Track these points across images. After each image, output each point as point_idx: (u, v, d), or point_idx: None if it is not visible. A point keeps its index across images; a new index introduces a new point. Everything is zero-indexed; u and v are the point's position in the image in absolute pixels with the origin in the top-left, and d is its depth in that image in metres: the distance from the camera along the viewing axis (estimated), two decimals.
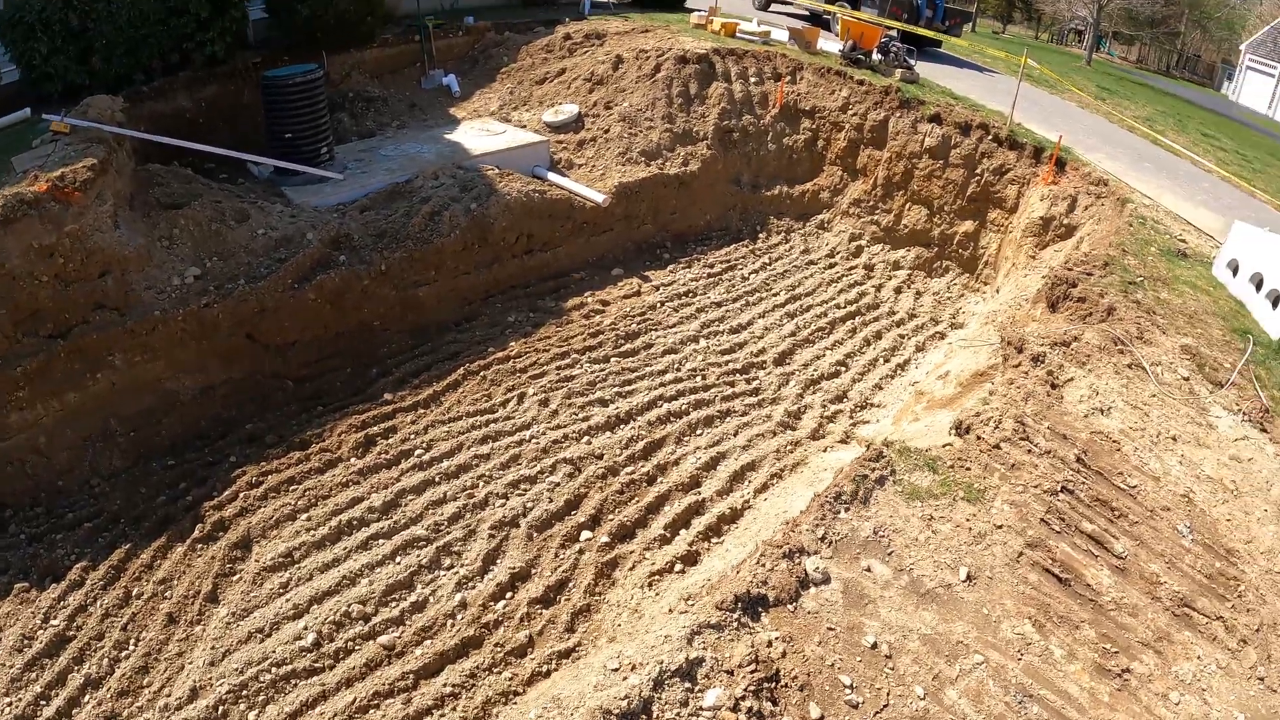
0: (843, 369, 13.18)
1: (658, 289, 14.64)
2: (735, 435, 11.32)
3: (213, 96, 16.93)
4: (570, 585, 9.03)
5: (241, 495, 9.91)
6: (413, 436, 11.03)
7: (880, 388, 12.84)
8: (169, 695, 7.79)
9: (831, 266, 16.13)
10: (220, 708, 7.56)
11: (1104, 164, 15.60)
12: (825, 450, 11.14)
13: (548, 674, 8.08)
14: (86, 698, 7.85)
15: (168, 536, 9.40)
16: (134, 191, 13.29)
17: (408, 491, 10.03)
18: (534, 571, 9.09)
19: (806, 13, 26.19)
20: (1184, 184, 15.99)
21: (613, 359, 12.68)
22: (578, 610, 8.75)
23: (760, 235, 16.93)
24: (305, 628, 8.26)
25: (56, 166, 11.57)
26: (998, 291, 14.72)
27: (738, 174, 17.40)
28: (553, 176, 15.68)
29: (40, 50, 14.88)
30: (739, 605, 5.75)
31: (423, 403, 11.72)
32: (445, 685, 7.87)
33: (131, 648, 8.31)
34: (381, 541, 9.29)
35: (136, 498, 10.14)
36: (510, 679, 8.01)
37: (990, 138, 15.95)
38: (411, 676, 7.95)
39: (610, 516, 9.87)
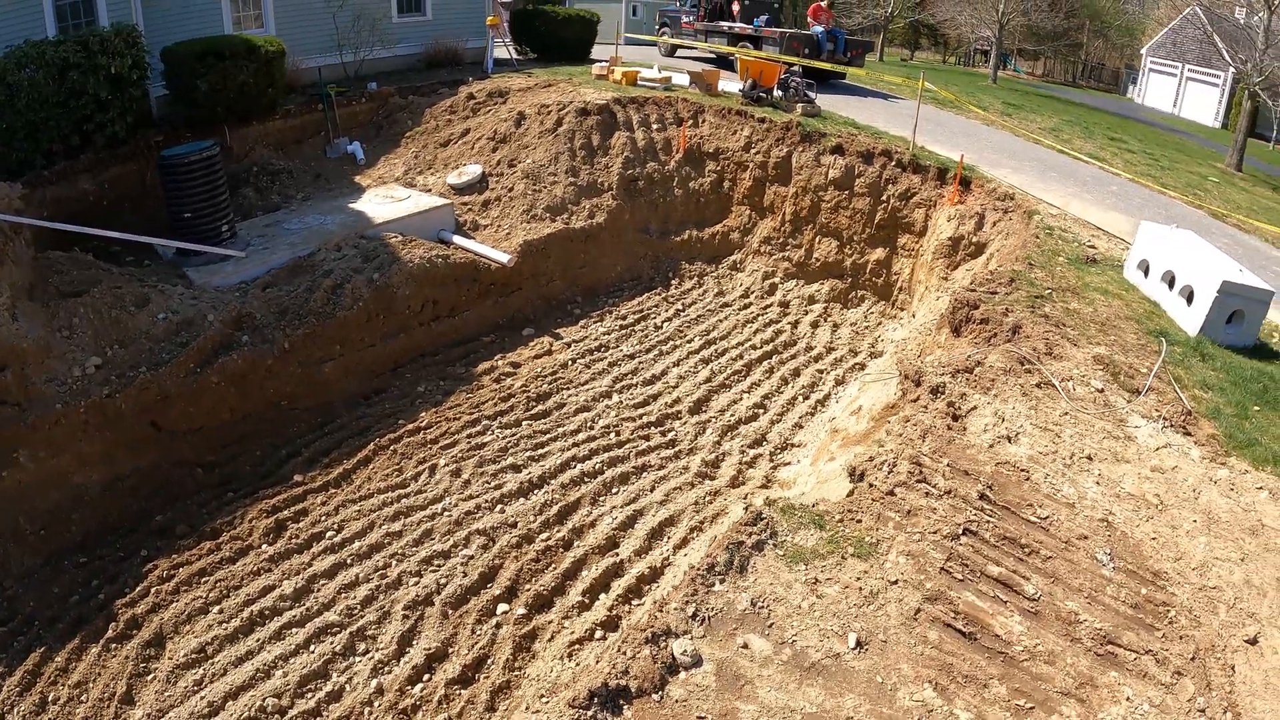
0: (761, 411, 13.04)
1: (569, 346, 14.47)
2: (652, 491, 11.10)
3: (116, 177, 16.65)
4: (489, 662, 8.72)
5: (153, 590, 9.66)
6: (324, 518, 10.71)
7: (800, 426, 12.71)
8: None
9: (746, 307, 16.10)
10: None
11: (1010, 178, 15.79)
12: (746, 498, 10.96)
13: None
14: None
15: (81, 637, 9.14)
16: (33, 281, 12.90)
17: (320, 576, 9.74)
18: (451, 650, 8.83)
19: (713, 55, 26.48)
20: (1092, 189, 16.23)
21: (524, 422, 12.46)
22: (497, 688, 8.44)
23: (672, 281, 16.87)
24: None
25: None
26: (914, 316, 14.78)
27: (645, 222, 17.38)
28: (458, 239, 15.54)
29: None
30: (595, 701, 5.34)
31: (333, 482, 11.40)
32: None
33: None
34: (295, 630, 9.03)
35: (49, 598, 9.84)
36: None
37: (894, 164, 16.09)
38: None
39: (527, 586, 9.59)
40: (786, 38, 23.00)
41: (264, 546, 10.25)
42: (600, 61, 22.14)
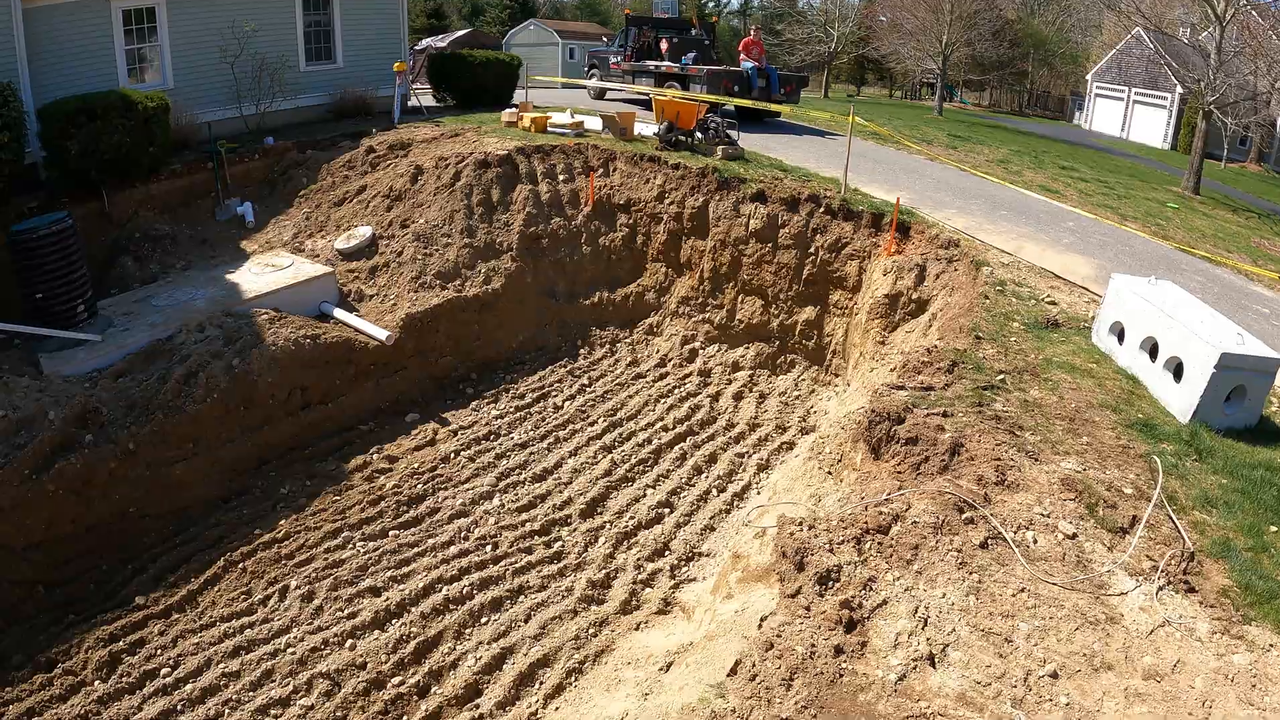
0: (666, 511, 11.47)
1: (455, 434, 12.98)
2: (526, 621, 9.57)
3: None
4: None
5: None
6: (160, 651, 9.50)
7: (712, 529, 11.14)
8: None
9: (662, 378, 14.63)
10: None
11: (955, 220, 14.43)
12: (638, 628, 9.41)
13: None
14: None
15: None
16: None
17: None
18: None
19: (646, 97, 25.23)
20: (1047, 227, 14.80)
21: (391, 532, 10.98)
22: None
23: (581, 351, 15.39)
24: None
25: None
26: (848, 385, 13.34)
27: (550, 285, 15.92)
28: (338, 313, 14.12)
29: None
30: None
31: (176, 605, 10.15)
32: None
33: None
34: None
35: None
36: None
37: (822, 210, 14.67)
38: None
39: None
40: (715, 75, 21.79)
41: (96, 683, 9.20)
42: (512, 108, 20.81)
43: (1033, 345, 10.18)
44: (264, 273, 14.97)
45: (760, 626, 6.52)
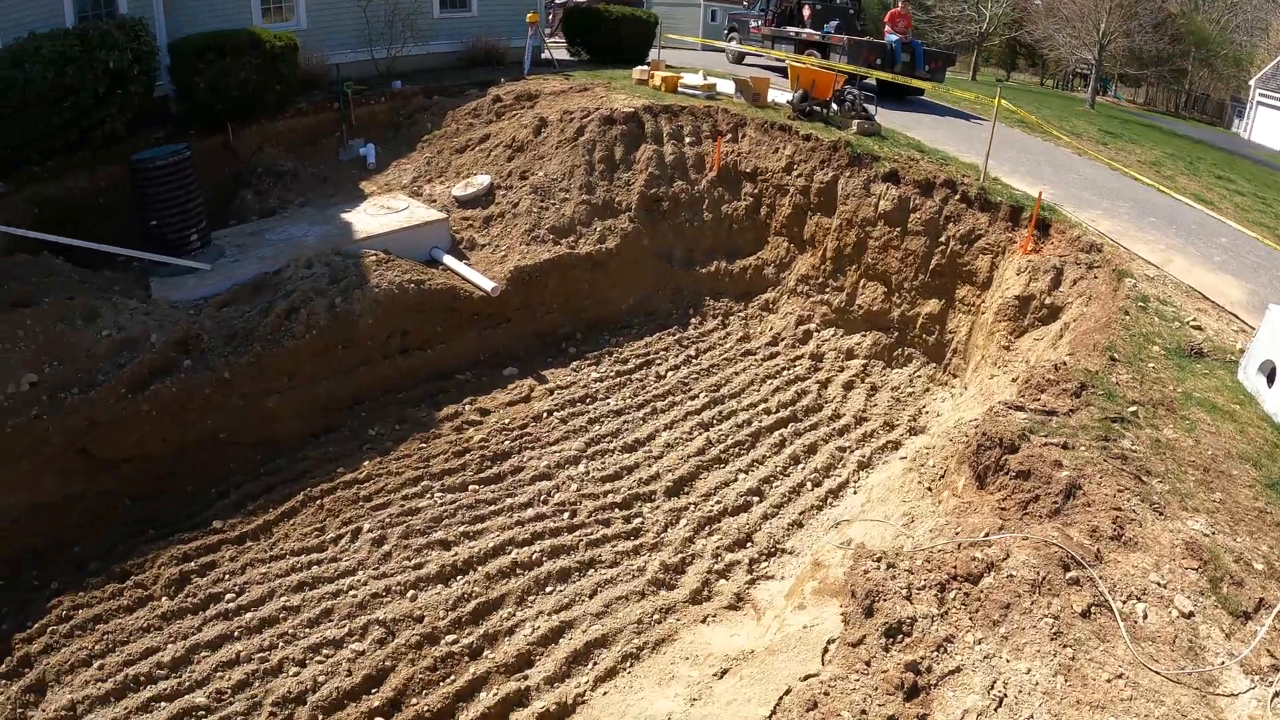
0: (754, 500, 10.65)
1: (551, 393, 12.49)
2: (591, 596, 9.04)
3: (112, 176, 15.68)
4: None
5: (49, 630, 9.06)
6: (227, 577, 9.60)
7: (800, 525, 10.28)
8: None
9: (772, 357, 13.78)
10: None
11: (1100, 222, 13.10)
12: (705, 620, 8.75)
13: None
14: None
15: None
16: None
17: (202, 647, 8.71)
18: None
19: (783, 63, 24.30)
20: (1198, 241, 13.29)
21: (471, 486, 10.63)
22: None
23: (692, 321, 14.67)
24: None
25: None
26: (965, 389, 12.35)
27: (667, 249, 15.26)
28: (448, 260, 13.82)
29: None
30: None
31: (251, 534, 10.22)
32: None
33: None
34: (161, 705, 8.06)
35: None
36: None
37: (957, 198, 13.50)
38: None
39: (412, 701, 7.96)
40: (856, 46, 20.72)
41: (163, 599, 9.38)
42: (643, 65, 20.16)
43: (1172, 375, 8.98)
44: (378, 214, 14.81)
45: (807, 680, 5.78)
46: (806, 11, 23.82)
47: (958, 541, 6.46)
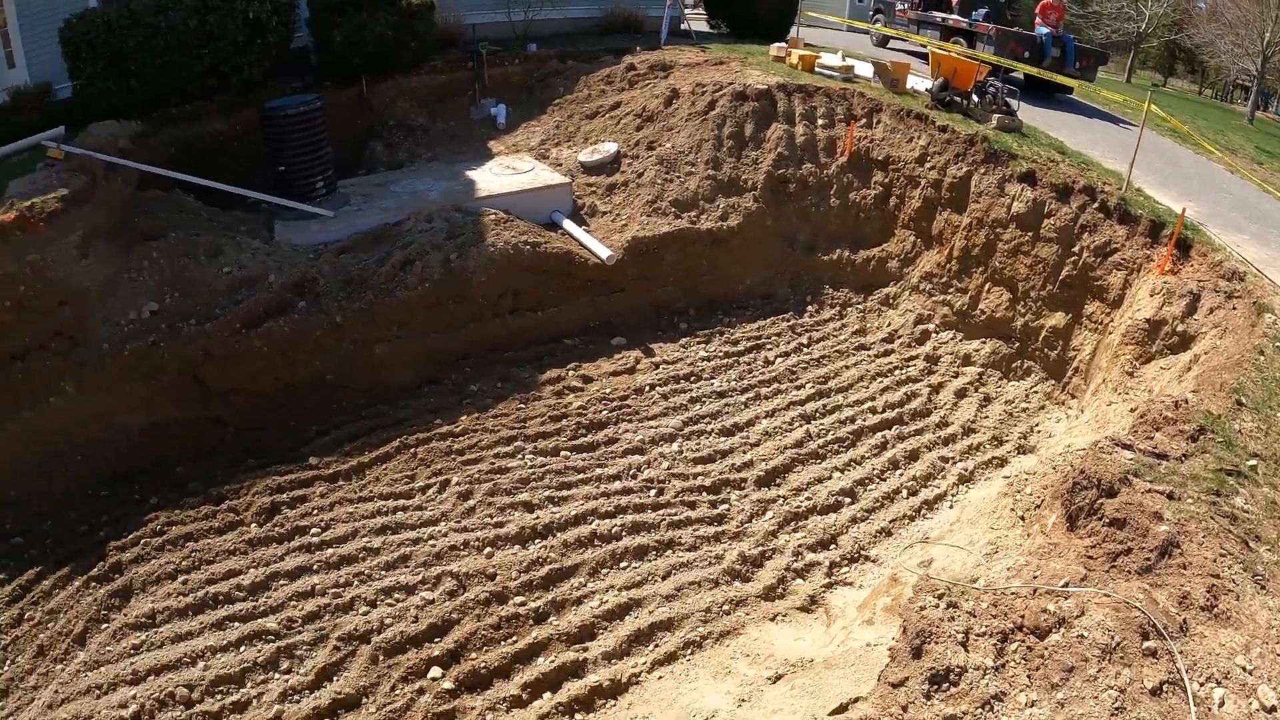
0: (846, 501, 10.20)
1: (656, 367, 12.32)
2: (664, 578, 8.87)
3: (247, 121, 16.32)
4: None
5: (143, 541, 9.70)
6: (316, 512, 9.96)
7: (888, 534, 9.78)
8: None
9: (886, 354, 13.23)
10: None
11: (1246, 248, 12.05)
12: (774, 618, 8.46)
13: None
14: None
15: (72, 568, 9.54)
16: (120, 220, 13.04)
17: (282, 575, 9.12)
18: (363, 702, 7.79)
19: (926, 49, 23.45)
20: None
21: (563, 452, 10.60)
22: None
23: (809, 308, 14.21)
24: (133, 696, 7.93)
25: (36, 195, 11.81)
26: (1081, 412, 11.58)
27: (791, 232, 14.83)
28: (567, 224, 13.77)
29: (86, 71, 15.17)
30: None
31: (344, 474, 10.59)
32: None
33: (3, 669, 8.65)
34: (235, 625, 8.56)
35: (66, 523, 10.38)
36: None
37: (1096, 206, 12.55)
38: None
39: (472, 656, 8.09)
40: (1004, 36, 19.78)
41: (252, 526, 9.89)
42: (781, 42, 19.64)
43: None
44: (503, 174, 14.84)
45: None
46: None
47: (1033, 586, 5.86)
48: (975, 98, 15.84)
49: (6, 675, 8.76)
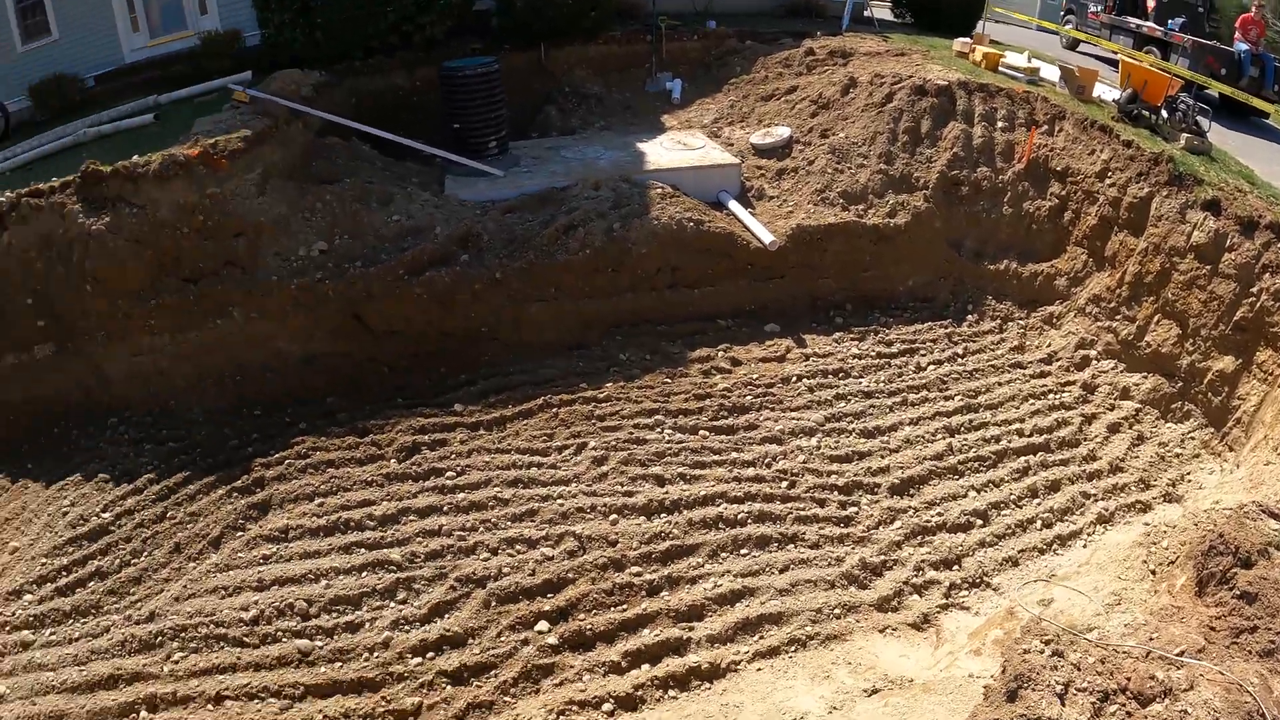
0: (977, 523, 9.71)
1: (806, 359, 12.18)
2: (781, 571, 8.78)
3: (426, 78, 17.00)
4: (491, 673, 7.85)
5: (287, 462, 10.48)
6: (454, 457, 10.48)
7: (1014, 563, 9.20)
8: (140, 609, 8.78)
9: (1042, 376, 12.52)
10: (158, 638, 8.34)
11: None
12: (883, 630, 8.22)
13: None
14: (90, 582, 9.27)
15: (217, 477, 10.43)
16: (298, 163, 13.97)
17: (412, 512, 9.69)
18: (469, 642, 8.14)
19: (1116, 56, 22.32)
20: None
21: (701, 431, 10.66)
22: (477, 703, 7.57)
23: (969, 317, 13.65)
24: (255, 602, 8.63)
25: (220, 134, 12.88)
26: (1236, 468, 10.61)
27: (958, 237, 14.32)
28: (733, 205, 13.75)
29: (274, 20, 16.40)
30: None
31: (486, 424, 11.06)
32: (320, 714, 7.59)
33: (140, 559, 9.48)
34: (360, 551, 9.17)
35: (217, 436, 11.32)
36: None
37: None
38: (299, 689, 7.83)
39: (580, 616, 8.30)
40: (1200, 49, 18.62)
41: (391, 461, 10.48)
42: (966, 38, 18.96)
43: None
44: (673, 149, 14.93)
45: None
46: (1151, 2, 21.66)
47: (1146, 649, 5.54)
48: (1164, 113, 14.94)
49: (141, 565, 9.50)
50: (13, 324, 12.34)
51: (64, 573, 9.57)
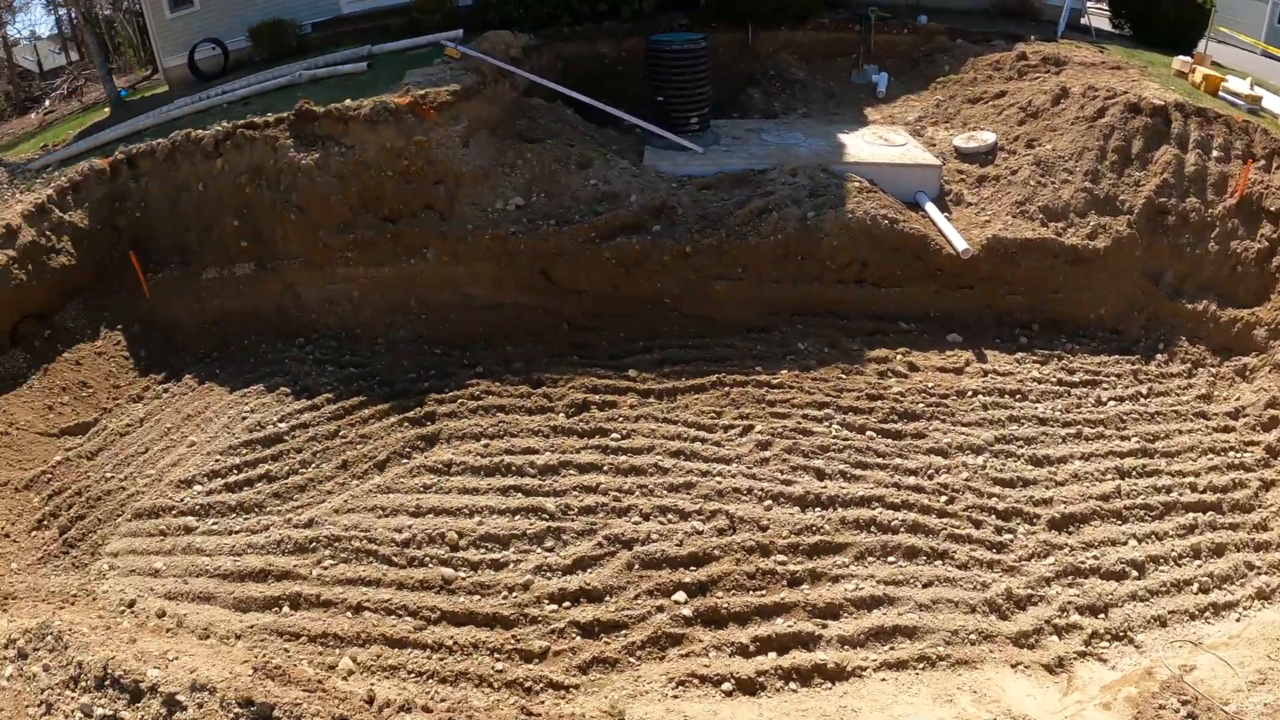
0: (1131, 573, 9.12)
1: (984, 374, 11.89)
2: (924, 586, 8.65)
3: (632, 49, 17.42)
4: (621, 632, 8.22)
5: (459, 401, 11.23)
6: (621, 420, 10.88)
7: (1162, 624, 8.60)
8: (300, 515, 9.76)
9: (1225, 431, 11.60)
10: (312, 543, 9.24)
11: None
12: (1014, 666, 7.96)
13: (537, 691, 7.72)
14: (258, 483, 10.32)
15: (391, 405, 11.32)
16: (503, 119, 14.71)
17: (572, 466, 10.15)
18: (606, 599, 8.55)
19: None
20: None
21: (869, 432, 10.65)
22: (602, 658, 7.97)
23: (1158, 356, 12.88)
24: (409, 525, 9.33)
25: (430, 85, 13.61)
26: None
27: (1158, 269, 13.60)
28: (929, 208, 13.56)
29: None
30: None
31: (657, 393, 11.43)
32: (451, 639, 8.14)
33: (307, 470, 10.45)
34: (517, 495, 9.72)
35: (397, 367, 12.24)
36: (499, 672, 7.85)
37: None
38: (436, 613, 8.41)
39: (719, 594, 8.54)
40: None
41: (560, 415, 10.99)
42: (1186, 56, 17.98)
43: None
44: (875, 143, 14.84)
45: None
46: None
47: None
48: None
49: (308, 475, 10.36)
50: (218, 242, 13.66)
51: (235, 471, 10.56)
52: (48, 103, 27.70)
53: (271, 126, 13.49)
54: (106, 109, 20.93)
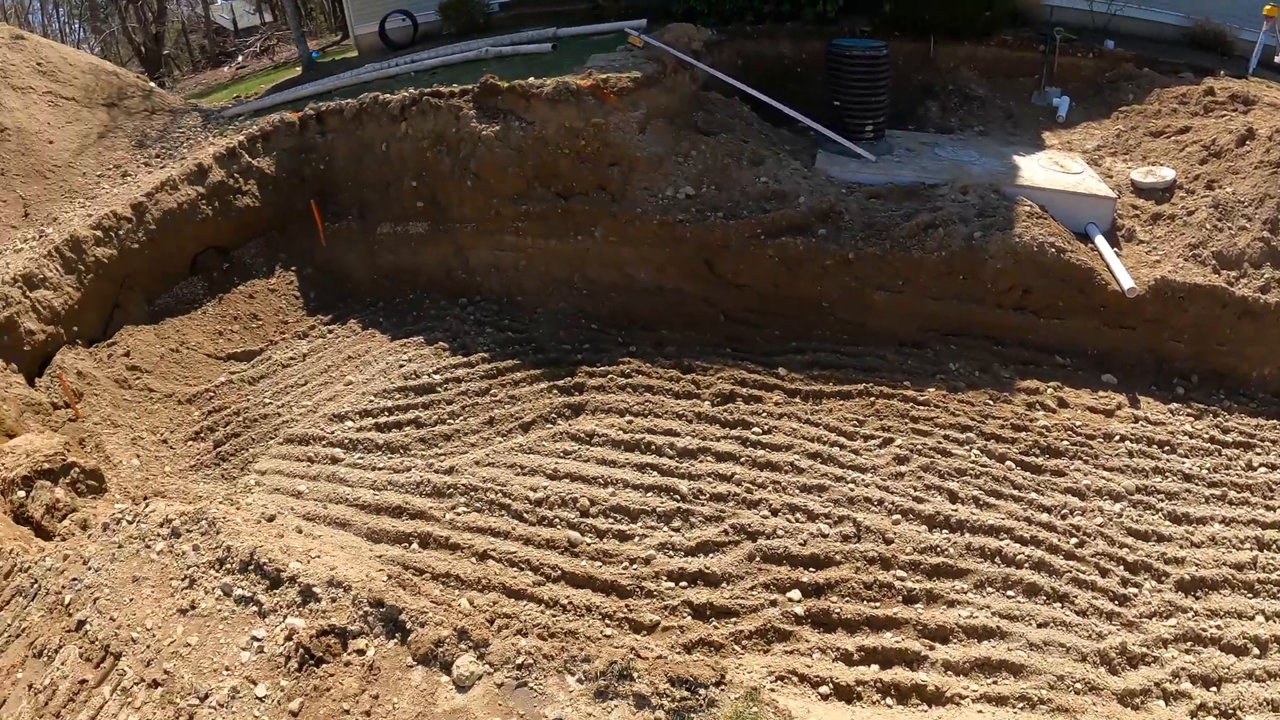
0: (1252, 649, 8.61)
1: (1135, 421, 11.51)
2: (1039, 626, 8.45)
3: (813, 51, 17.44)
4: (731, 619, 8.44)
5: (610, 376, 11.73)
6: (764, 415, 11.09)
7: (1274, 708, 8.12)
8: (441, 462, 10.52)
9: None
10: (450, 489, 9.99)
11: None
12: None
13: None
14: (407, 427, 11.19)
15: (543, 372, 12.01)
16: (680, 110, 15.08)
17: (710, 453, 10.41)
18: (722, 585, 8.79)
19: None
20: None
21: (1009, 462, 10.56)
22: (708, 640, 8.19)
23: None
24: (544, 486, 9.88)
25: (612, 71, 14.14)
26: None
27: None
28: (1099, 241, 13.23)
29: None
30: None
31: (803, 394, 11.58)
32: (567, 599, 8.61)
33: (454, 421, 11.28)
34: (652, 473, 10.10)
35: (553, 336, 12.85)
36: (607, 637, 8.16)
37: None
38: (557, 571, 8.95)
39: (833, 598, 8.61)
40: None
41: (705, 403, 11.30)
42: None
43: None
44: (1050, 169, 14.61)
45: None
46: None
47: None
48: None
49: (455, 426, 11.08)
50: (396, 200, 14.61)
51: (386, 413, 11.38)
52: (240, 58, 29.43)
53: (456, 97, 14.25)
54: (298, 68, 22.28)
